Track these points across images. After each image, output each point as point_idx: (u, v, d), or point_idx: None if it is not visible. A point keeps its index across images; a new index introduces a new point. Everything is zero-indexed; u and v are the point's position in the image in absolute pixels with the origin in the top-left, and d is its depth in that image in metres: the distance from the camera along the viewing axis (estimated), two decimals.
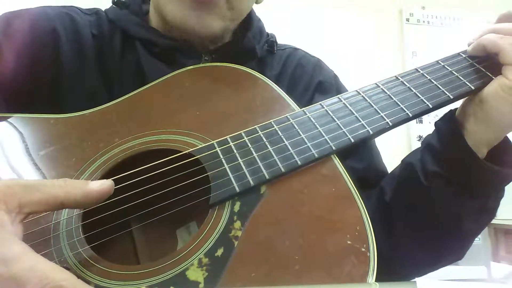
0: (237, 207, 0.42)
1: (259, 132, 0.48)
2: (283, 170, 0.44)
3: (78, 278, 0.38)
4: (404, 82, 0.51)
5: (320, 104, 0.51)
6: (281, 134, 0.47)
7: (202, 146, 0.47)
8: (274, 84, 0.54)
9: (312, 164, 0.45)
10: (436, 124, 0.56)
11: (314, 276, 0.37)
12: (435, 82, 0.51)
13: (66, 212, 0.43)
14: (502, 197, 0.55)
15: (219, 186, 0.43)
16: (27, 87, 0.56)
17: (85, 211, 0.44)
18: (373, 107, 0.49)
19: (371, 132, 0.47)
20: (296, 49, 0.75)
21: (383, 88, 0.51)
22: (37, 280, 0.28)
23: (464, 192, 0.52)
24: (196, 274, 0.38)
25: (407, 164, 0.57)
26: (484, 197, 0.53)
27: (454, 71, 0.52)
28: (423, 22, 2.58)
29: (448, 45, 2.47)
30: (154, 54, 0.61)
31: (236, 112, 0.52)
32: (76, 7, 0.65)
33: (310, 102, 0.65)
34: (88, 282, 0.38)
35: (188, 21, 0.57)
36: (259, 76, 0.56)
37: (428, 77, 0.52)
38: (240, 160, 0.45)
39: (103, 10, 0.66)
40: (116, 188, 0.44)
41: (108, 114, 0.53)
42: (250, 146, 0.46)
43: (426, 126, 2.41)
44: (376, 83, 0.52)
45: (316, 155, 0.45)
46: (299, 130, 0.47)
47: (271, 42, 0.70)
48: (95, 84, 0.59)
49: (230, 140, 0.47)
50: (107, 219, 0.44)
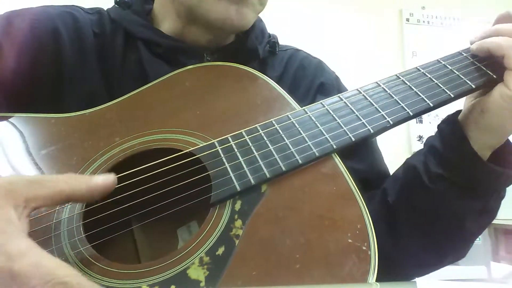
0: (238, 206, 0.42)
1: (259, 131, 0.48)
2: (284, 169, 0.44)
3: None
4: (405, 81, 0.51)
5: (321, 103, 0.51)
6: (281, 133, 0.47)
7: (202, 145, 0.47)
8: (274, 83, 0.54)
9: (313, 163, 0.45)
10: (439, 127, 0.56)
11: (315, 275, 0.37)
12: (436, 81, 0.51)
13: (67, 211, 0.43)
14: (503, 197, 0.55)
15: (220, 185, 0.43)
16: (28, 87, 0.56)
17: (86, 210, 0.44)
18: (373, 105, 0.49)
19: (372, 130, 0.47)
20: (298, 50, 0.74)
21: (384, 87, 0.51)
22: (41, 275, 0.28)
23: (467, 194, 0.53)
24: (197, 273, 0.38)
25: (410, 166, 0.57)
26: (487, 198, 0.53)
27: (454, 70, 0.52)
28: (423, 22, 2.58)
29: (448, 45, 2.47)
30: (156, 54, 0.61)
31: (236, 111, 0.52)
32: (78, 6, 0.65)
33: (312, 103, 0.66)
34: None
35: (229, 14, 0.57)
36: (260, 75, 0.56)
37: (429, 75, 0.52)
38: (241, 159, 0.45)
39: (106, 9, 0.66)
40: (117, 187, 0.44)
41: (108, 114, 0.53)
42: (251, 145, 0.46)
43: (426, 126, 2.41)
44: (376, 82, 0.52)
45: (317, 154, 0.45)
46: (299, 129, 0.47)
47: (273, 43, 0.70)
48: (96, 83, 0.59)
49: (230, 139, 0.47)
50: (108, 218, 0.44)
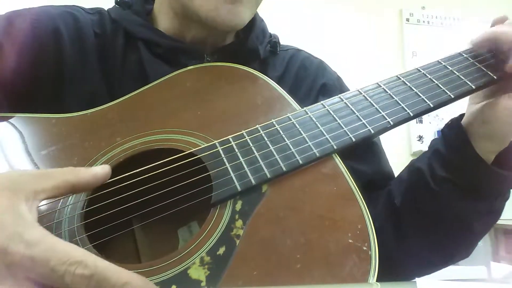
0: (238, 206, 0.42)
1: (260, 132, 0.48)
2: (284, 169, 0.44)
3: None
4: (405, 82, 0.52)
5: (322, 103, 0.51)
6: (282, 134, 0.47)
7: (203, 145, 0.47)
8: (275, 83, 0.54)
9: (314, 163, 0.45)
10: (443, 131, 0.56)
11: (315, 275, 0.37)
12: (436, 82, 0.51)
13: (68, 210, 0.44)
14: (508, 198, 0.55)
15: (221, 185, 0.44)
16: (28, 87, 0.56)
17: (87, 210, 0.44)
18: (374, 106, 0.49)
19: (372, 131, 0.47)
20: (299, 50, 0.74)
21: (384, 87, 0.51)
22: (58, 257, 0.30)
23: (472, 196, 0.53)
24: (198, 273, 0.38)
25: (415, 168, 0.57)
26: (491, 200, 0.54)
27: (454, 71, 0.52)
28: (423, 22, 2.58)
29: (448, 45, 2.47)
30: (157, 55, 0.61)
31: (237, 112, 0.52)
32: (79, 6, 0.65)
33: (314, 103, 0.66)
34: None
35: (218, 12, 0.56)
36: (261, 75, 0.56)
37: (429, 76, 0.52)
38: (242, 159, 0.45)
39: (106, 9, 0.66)
40: (118, 187, 0.44)
41: (109, 114, 0.53)
42: (252, 145, 0.46)
43: (426, 126, 2.41)
44: (377, 83, 0.52)
45: (318, 154, 0.45)
46: (300, 129, 0.48)
47: (274, 43, 0.70)
48: (96, 83, 0.59)
49: (231, 139, 0.47)
50: (109, 218, 0.44)
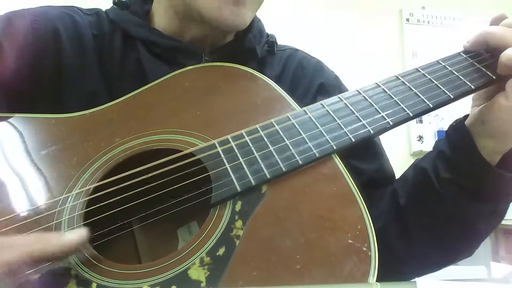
0: (238, 207, 0.42)
1: (260, 132, 0.48)
2: (284, 169, 0.44)
3: (80, 277, 0.38)
4: (405, 82, 0.51)
5: (321, 103, 0.51)
6: (282, 134, 0.47)
7: (203, 145, 0.47)
8: (274, 83, 0.54)
9: (313, 163, 0.45)
10: (447, 132, 0.56)
11: (315, 275, 0.37)
12: (436, 82, 0.51)
13: (68, 211, 0.44)
14: None
15: (221, 185, 0.44)
16: (28, 87, 0.56)
17: (86, 211, 0.44)
18: (373, 106, 0.49)
19: (372, 131, 0.47)
20: (297, 50, 0.74)
21: (384, 87, 0.51)
22: None
23: (477, 198, 0.53)
24: (198, 273, 0.38)
25: (420, 169, 0.57)
26: (496, 202, 0.54)
27: (454, 71, 0.52)
28: (423, 22, 2.58)
29: (448, 45, 2.47)
30: (155, 54, 0.61)
31: (237, 112, 0.52)
32: (77, 7, 0.65)
33: (312, 104, 0.65)
34: (90, 282, 0.38)
35: (221, 13, 0.57)
36: (260, 75, 0.55)
37: (429, 76, 0.52)
38: (241, 159, 0.45)
39: (104, 10, 0.66)
40: (117, 188, 0.44)
41: (108, 114, 0.53)
42: (251, 145, 0.46)
43: (426, 126, 2.42)
44: (376, 83, 0.52)
45: (317, 155, 0.45)
46: (300, 129, 0.47)
47: (271, 43, 0.70)
48: (95, 84, 0.59)
49: (231, 139, 0.47)
50: (108, 219, 0.44)
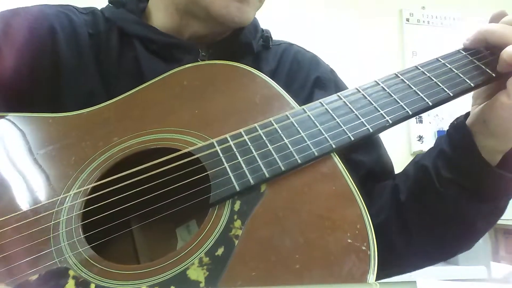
0: (237, 206, 0.42)
1: (258, 131, 0.47)
2: (283, 168, 0.44)
3: (79, 277, 0.38)
4: (404, 80, 0.51)
5: (320, 102, 0.50)
6: (280, 133, 0.47)
7: (201, 144, 0.47)
8: (273, 81, 0.54)
9: (312, 162, 0.45)
10: (448, 132, 0.56)
11: (314, 275, 0.37)
12: (435, 80, 0.51)
13: (66, 212, 0.43)
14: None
15: (219, 185, 0.43)
16: (25, 86, 0.56)
17: (85, 210, 0.44)
18: (372, 104, 0.49)
19: (371, 130, 0.47)
20: (291, 44, 0.74)
21: (383, 85, 0.51)
22: None
23: (477, 198, 0.53)
24: (197, 274, 0.37)
25: (421, 166, 0.57)
26: (496, 201, 0.54)
27: (453, 68, 0.52)
28: (423, 22, 2.58)
29: (448, 45, 2.44)
30: (152, 51, 0.62)
31: (235, 110, 0.51)
32: (72, 6, 0.65)
33: (309, 98, 0.66)
34: (88, 282, 0.38)
35: (229, 10, 0.58)
36: (258, 73, 0.55)
37: (428, 74, 0.51)
38: (240, 158, 0.45)
39: (99, 9, 0.66)
40: (115, 188, 0.44)
41: (106, 113, 0.53)
42: (250, 144, 0.46)
43: (426, 126, 2.41)
44: (375, 81, 0.52)
45: (316, 154, 0.45)
46: (299, 128, 0.47)
47: (266, 37, 0.70)
48: (93, 83, 0.59)
49: (229, 138, 0.47)
50: (107, 219, 0.44)
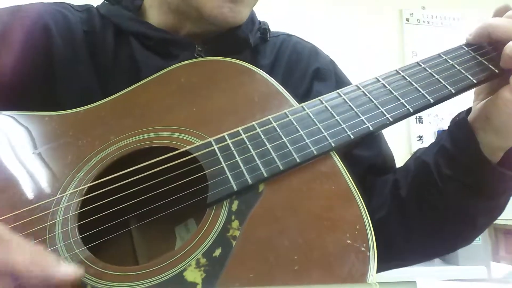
0: (235, 206, 0.42)
1: (257, 129, 0.47)
2: (281, 168, 0.43)
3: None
4: (405, 76, 0.50)
5: (319, 99, 0.50)
6: (279, 131, 0.46)
7: (199, 143, 0.46)
8: (272, 79, 0.53)
9: (311, 161, 0.44)
10: (450, 128, 0.55)
11: (313, 276, 0.37)
12: (437, 76, 0.50)
13: (62, 212, 0.43)
14: None
15: (217, 184, 0.43)
16: (20, 84, 0.56)
17: (81, 211, 0.43)
18: (373, 102, 0.48)
19: (371, 128, 0.46)
20: (290, 35, 0.74)
21: (384, 82, 0.50)
22: None
23: (478, 195, 0.53)
24: (194, 275, 0.37)
25: (422, 162, 0.57)
26: (497, 198, 0.54)
27: (455, 65, 0.51)
28: (423, 22, 2.58)
29: (448, 45, 2.45)
30: (148, 48, 0.61)
31: (233, 108, 0.51)
32: (67, 3, 0.65)
33: (309, 89, 0.66)
34: (84, 284, 0.38)
35: (221, 11, 0.58)
36: (257, 70, 0.54)
37: (429, 70, 0.51)
38: (238, 158, 0.44)
39: (95, 6, 0.66)
40: (112, 188, 0.44)
41: (103, 112, 0.52)
42: (248, 143, 0.45)
43: (426, 126, 2.41)
44: (376, 78, 0.51)
45: (315, 152, 0.44)
46: (297, 126, 0.47)
47: (264, 30, 0.69)
48: (89, 80, 0.59)
49: (227, 137, 0.46)
50: (104, 219, 0.43)
